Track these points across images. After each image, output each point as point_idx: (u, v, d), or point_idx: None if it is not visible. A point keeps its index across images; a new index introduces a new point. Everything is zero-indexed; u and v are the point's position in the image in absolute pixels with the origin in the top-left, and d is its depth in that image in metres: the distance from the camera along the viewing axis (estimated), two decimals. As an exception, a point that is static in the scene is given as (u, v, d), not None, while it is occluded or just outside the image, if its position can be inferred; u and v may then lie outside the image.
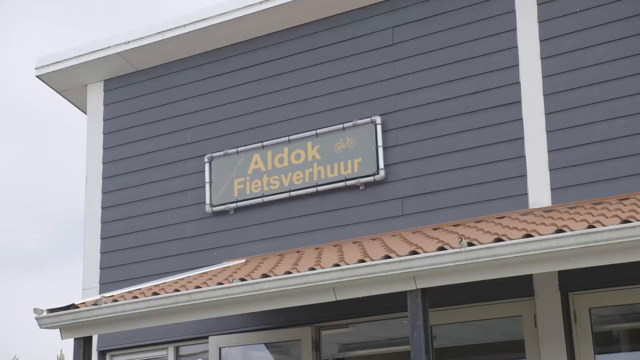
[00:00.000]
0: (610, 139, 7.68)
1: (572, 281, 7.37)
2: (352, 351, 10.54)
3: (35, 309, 7.66)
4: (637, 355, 8.08)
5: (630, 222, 5.70)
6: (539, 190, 7.92)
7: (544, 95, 8.07)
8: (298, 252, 8.78)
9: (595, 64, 7.89)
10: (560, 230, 5.94)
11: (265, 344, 9.29)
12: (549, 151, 7.93)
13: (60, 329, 7.68)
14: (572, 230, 5.89)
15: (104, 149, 10.50)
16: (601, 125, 7.75)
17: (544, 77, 8.11)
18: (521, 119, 8.14)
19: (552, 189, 7.86)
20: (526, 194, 7.97)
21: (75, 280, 10.02)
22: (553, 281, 7.48)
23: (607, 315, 7.75)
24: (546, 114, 8.03)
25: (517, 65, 8.27)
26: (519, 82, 8.23)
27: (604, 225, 5.78)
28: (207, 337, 9.15)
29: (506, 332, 8.38)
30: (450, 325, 8.24)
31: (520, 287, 7.49)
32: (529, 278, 7.46)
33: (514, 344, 7.88)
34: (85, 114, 10.98)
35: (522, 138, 8.09)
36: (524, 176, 8.01)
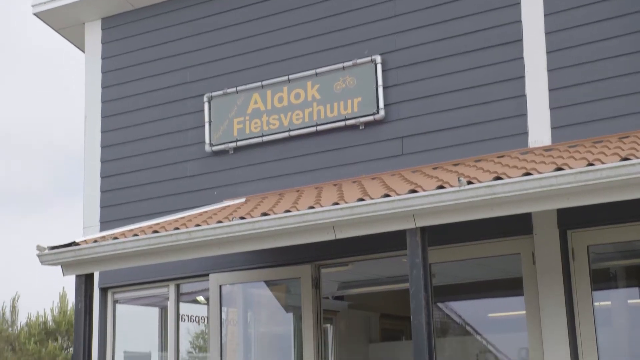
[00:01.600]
0: (611, 77, 7.64)
1: (571, 219, 7.40)
2: (352, 289, 10.67)
3: (37, 246, 7.72)
4: (633, 291, 8.16)
5: (630, 159, 5.70)
6: (539, 129, 7.91)
7: (546, 33, 8.01)
8: (298, 191, 8.80)
9: (597, 1, 7.81)
10: (559, 169, 5.94)
11: (265, 281, 9.36)
12: (550, 90, 7.90)
13: (61, 266, 7.74)
14: (571, 168, 5.89)
15: (103, 88, 10.46)
16: (601, 64, 7.71)
17: (545, 15, 8.04)
18: (522, 58, 8.09)
19: (552, 128, 7.85)
20: (526, 132, 7.96)
21: (78, 219, 10.06)
22: (552, 219, 7.51)
23: (605, 252, 7.81)
24: (547, 52, 7.98)
25: (518, 4, 8.20)
26: (520, 21, 8.16)
27: (603, 163, 5.78)
28: (207, 275, 9.22)
29: (504, 269, 8.45)
30: (449, 264, 8.30)
31: (519, 225, 7.52)
32: (527, 216, 7.50)
33: (512, 281, 7.95)
34: (84, 52, 10.91)
35: (522, 77, 8.05)
36: (524, 115, 8.00)
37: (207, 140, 9.57)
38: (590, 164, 5.84)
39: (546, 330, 7.37)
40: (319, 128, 9.00)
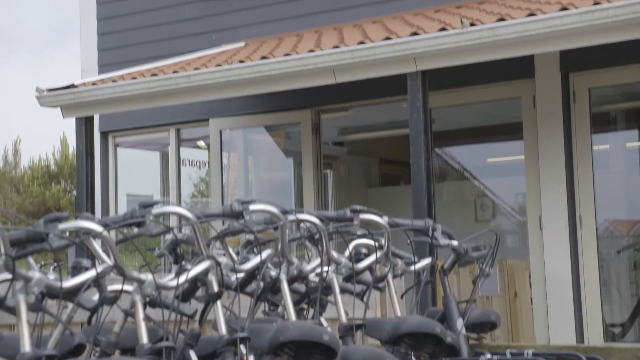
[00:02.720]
0: None
1: (573, 61, 7.33)
2: (351, 134, 10.69)
3: (37, 88, 7.71)
4: (632, 134, 8.19)
5: (636, -1, 5.58)
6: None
7: None
8: (297, 35, 8.68)
9: None
10: (564, 9, 5.83)
11: (265, 126, 9.37)
12: None
13: (61, 108, 7.73)
14: (576, 8, 5.78)
15: None
16: None
17: None
18: None
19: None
20: (531, -26, 7.76)
21: (76, 63, 9.96)
22: (554, 62, 7.43)
23: (606, 95, 7.78)
24: None
25: None
26: None
27: (609, 2, 5.67)
28: (207, 120, 9.22)
29: (504, 114, 8.45)
30: (448, 109, 8.28)
31: (520, 69, 7.45)
32: (529, 59, 7.41)
33: (511, 126, 7.96)
34: None
35: None
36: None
37: (205, -17, 9.36)
38: (597, 3, 5.72)
39: (544, 175, 7.43)
40: (320, -30, 8.78)
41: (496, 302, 6.52)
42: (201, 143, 10.06)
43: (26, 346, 2.31)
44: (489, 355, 3.65)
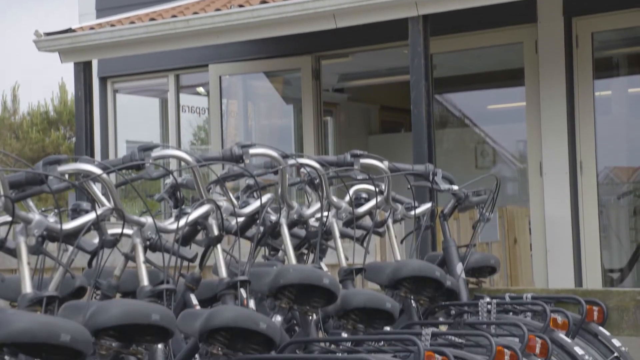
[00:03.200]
0: None
1: (576, 5, 7.26)
2: (352, 81, 10.63)
3: (35, 32, 7.66)
4: (634, 79, 8.14)
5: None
6: None
7: None
8: (297, -21, 8.58)
9: None
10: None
11: (265, 73, 9.31)
12: None
13: (59, 52, 7.69)
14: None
15: None
16: None
17: None
18: None
19: None
20: None
21: (75, 6, 9.86)
22: (557, 6, 7.36)
23: (609, 40, 7.72)
24: None
25: None
26: None
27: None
28: (207, 66, 9.15)
29: (506, 60, 8.40)
30: (450, 55, 8.23)
31: (523, 14, 7.37)
32: (532, 3, 7.34)
33: (513, 72, 7.92)
34: None
35: None
36: None
37: None
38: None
39: (545, 121, 7.40)
40: None
41: (495, 248, 6.54)
42: (201, 89, 10.01)
43: (27, 287, 2.31)
44: (488, 299, 3.66)
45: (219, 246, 2.91)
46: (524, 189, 8.03)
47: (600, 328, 3.58)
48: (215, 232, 2.90)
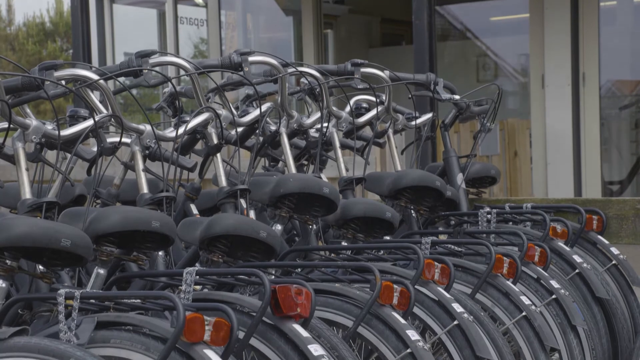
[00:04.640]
0: None
1: None
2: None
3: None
4: None
5: None
6: None
7: None
8: None
9: None
10: None
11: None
12: None
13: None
14: None
15: None
16: None
17: None
18: None
19: None
20: None
21: None
22: None
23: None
24: None
25: None
26: None
27: None
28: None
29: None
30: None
31: None
32: None
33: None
34: None
35: None
36: None
37: None
38: None
39: (548, 32, 7.31)
40: None
41: (496, 161, 6.53)
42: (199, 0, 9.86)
43: (27, 193, 2.30)
44: (487, 209, 3.66)
45: (218, 155, 2.89)
46: (525, 102, 7.98)
47: (599, 237, 3.60)
48: (215, 140, 2.87)
